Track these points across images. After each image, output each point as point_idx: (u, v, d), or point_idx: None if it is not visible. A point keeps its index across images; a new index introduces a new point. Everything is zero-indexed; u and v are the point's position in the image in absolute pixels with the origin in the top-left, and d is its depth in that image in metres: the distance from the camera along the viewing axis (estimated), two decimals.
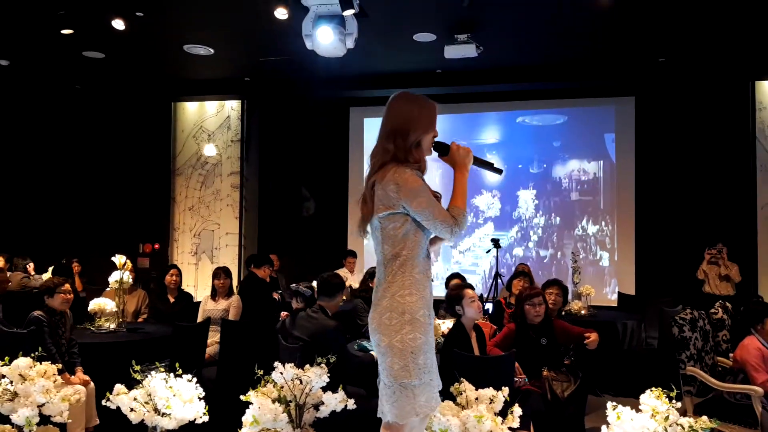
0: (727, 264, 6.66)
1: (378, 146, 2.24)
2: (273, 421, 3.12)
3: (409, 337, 2.08)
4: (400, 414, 2.06)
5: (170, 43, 6.05)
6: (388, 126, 2.23)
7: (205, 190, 8.19)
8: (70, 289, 4.55)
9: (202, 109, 8.23)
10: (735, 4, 4.97)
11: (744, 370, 3.99)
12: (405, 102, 2.25)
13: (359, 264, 7.89)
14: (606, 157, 7.76)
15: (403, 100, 2.25)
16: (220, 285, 5.53)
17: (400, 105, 2.24)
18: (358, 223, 2.29)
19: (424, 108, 2.24)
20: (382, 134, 2.25)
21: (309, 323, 3.77)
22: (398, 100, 2.25)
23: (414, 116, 2.21)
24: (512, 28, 5.73)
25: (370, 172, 2.23)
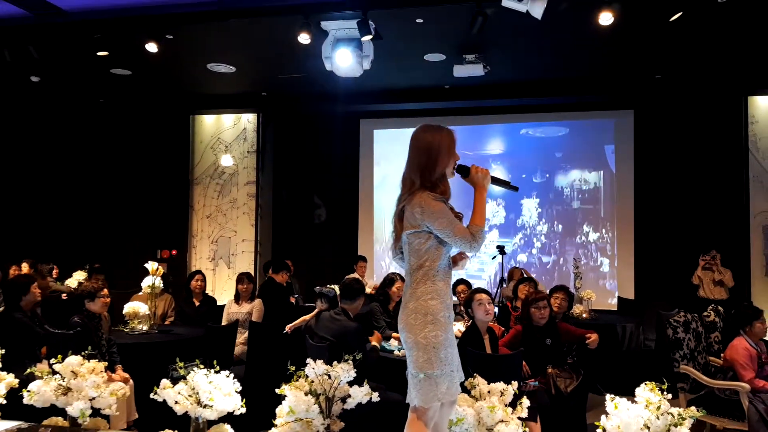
0: (721, 270, 6.98)
1: (406, 175, 2.61)
2: (306, 411, 3.47)
3: (432, 335, 2.44)
4: (425, 399, 2.42)
5: (195, 61, 6.42)
6: (414, 158, 2.60)
7: (222, 199, 8.56)
8: (108, 294, 4.93)
9: (219, 121, 8.61)
10: (728, 25, 5.31)
11: (733, 368, 4.34)
12: (427, 134, 2.61)
13: (369, 269, 8.23)
14: (606, 168, 8.11)
15: (425, 133, 2.61)
16: (244, 289, 5.88)
17: (423, 138, 2.60)
18: (391, 239, 2.68)
19: (444, 138, 2.59)
20: (408, 165, 2.62)
21: (333, 324, 4.12)
22: (421, 133, 2.62)
23: (435, 147, 2.56)
24: (517, 47, 6.08)
25: (400, 197, 2.61)
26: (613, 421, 3.20)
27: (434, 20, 5.21)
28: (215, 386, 3.65)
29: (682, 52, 6.17)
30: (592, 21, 4.88)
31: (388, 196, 8.67)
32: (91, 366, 3.94)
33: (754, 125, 7.16)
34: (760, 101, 7.15)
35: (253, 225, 8.45)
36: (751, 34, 5.61)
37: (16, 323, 4.81)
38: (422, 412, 2.45)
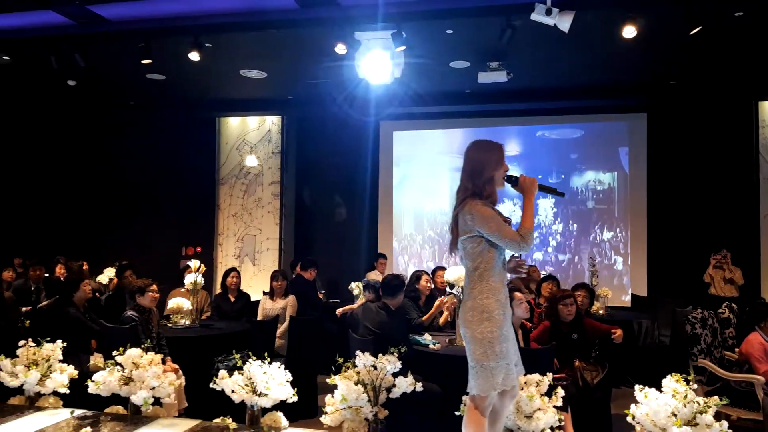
0: (731, 268, 7.24)
1: (460, 185, 2.88)
2: (356, 399, 3.76)
3: (487, 330, 2.71)
4: (482, 388, 2.70)
5: (229, 68, 6.69)
6: (467, 168, 2.87)
7: (247, 198, 8.84)
8: (157, 289, 5.21)
9: (245, 123, 8.88)
10: (742, 35, 5.56)
11: (748, 361, 4.60)
12: (478, 149, 2.89)
13: (389, 266, 8.50)
14: (620, 169, 8.37)
15: (477, 148, 2.90)
16: (278, 286, 6.16)
17: (475, 152, 2.89)
18: (449, 246, 2.98)
19: (493, 152, 2.87)
20: (463, 175, 2.88)
21: (377, 316, 4.41)
22: (473, 148, 2.91)
23: (485, 160, 2.84)
24: (538, 55, 6.32)
25: (455, 205, 2.88)
26: (642, 409, 3.48)
27: (463, 30, 5.47)
28: (270, 376, 3.95)
29: (696, 60, 6.41)
30: (613, 33, 5.15)
31: (407, 195, 8.96)
32: (149, 358, 4.24)
33: (764, 129, 7.42)
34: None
35: (277, 224, 8.73)
36: (761, 42, 5.86)
37: (70, 318, 5.10)
38: (480, 400, 2.73)
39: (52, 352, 4.30)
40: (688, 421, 3.31)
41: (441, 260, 8.76)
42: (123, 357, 4.17)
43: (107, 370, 4.13)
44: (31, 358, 4.26)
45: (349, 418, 3.86)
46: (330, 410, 3.94)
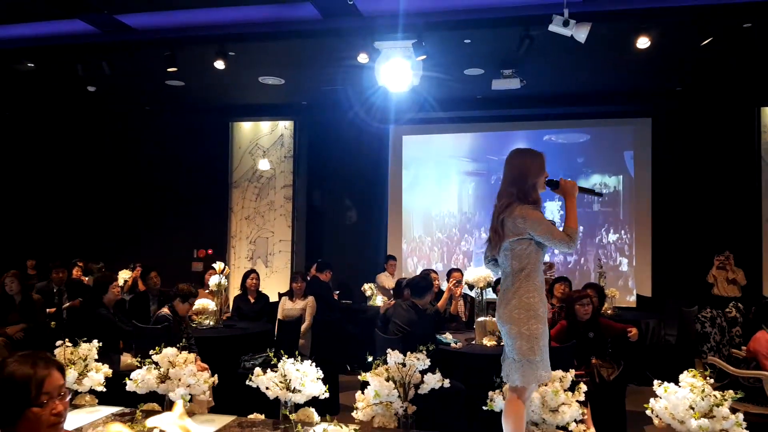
0: (734, 269, 7.45)
1: (503, 191, 3.03)
2: (387, 395, 3.94)
3: (534, 327, 2.88)
4: (526, 380, 2.91)
5: (248, 74, 6.87)
6: (510, 175, 3.02)
7: (260, 201, 9.00)
8: None
9: (257, 128, 9.05)
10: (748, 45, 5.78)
11: (756, 358, 4.80)
12: (521, 156, 3.05)
13: (398, 267, 8.68)
14: (625, 173, 8.58)
15: (520, 155, 3.05)
16: (298, 287, 6.33)
17: (518, 159, 3.04)
18: (488, 249, 3.11)
19: (535, 159, 3.03)
20: (506, 181, 3.03)
21: (407, 314, 4.61)
22: (516, 155, 3.06)
23: (528, 166, 3.00)
24: (549, 64, 6.52)
25: (499, 210, 3.01)
26: (661, 403, 3.68)
27: (481, 39, 5.67)
28: (303, 373, 4.13)
29: (701, 68, 6.62)
30: (623, 43, 5.35)
31: (416, 198, 9.14)
32: (184, 356, 4.41)
33: (766, 134, 7.64)
34: None
35: (289, 226, 8.90)
36: (763, 51, 6.07)
37: (102, 319, 5.25)
38: (522, 391, 2.93)
39: (89, 351, 4.45)
40: (705, 414, 3.51)
41: (449, 262, 8.96)
42: (159, 356, 4.34)
43: (145, 369, 4.30)
44: (68, 357, 4.41)
45: (380, 413, 4.04)
46: (362, 406, 4.12)
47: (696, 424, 3.47)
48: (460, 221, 8.94)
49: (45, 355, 1.81)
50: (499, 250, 3.03)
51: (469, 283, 5.13)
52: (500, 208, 3.02)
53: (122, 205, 9.32)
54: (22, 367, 1.71)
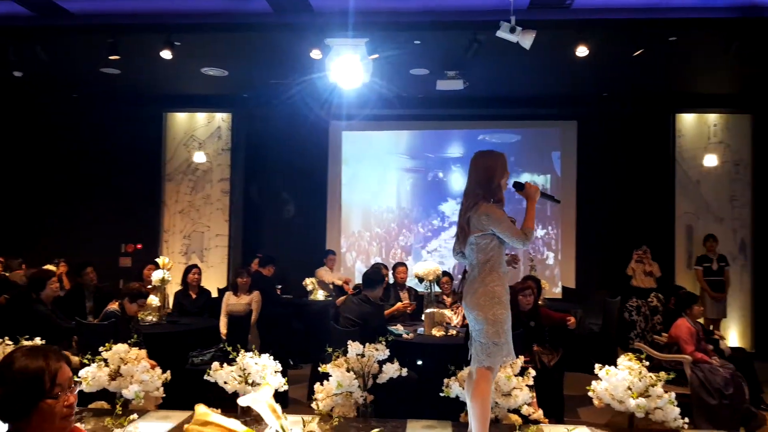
0: (650, 262, 8.06)
1: (469, 191, 3.29)
2: (349, 385, 4.04)
3: (498, 312, 3.16)
4: (493, 361, 3.15)
5: (191, 65, 6.70)
6: (475, 176, 3.29)
7: (195, 195, 8.79)
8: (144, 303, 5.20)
9: (193, 119, 8.82)
10: (666, 55, 6.27)
11: (677, 343, 5.27)
12: (486, 158, 3.31)
13: (337, 262, 8.76)
14: (552, 172, 9.07)
15: (484, 157, 3.32)
16: (243, 282, 6.28)
17: (483, 160, 3.30)
18: (456, 243, 3.39)
19: (498, 160, 3.30)
20: (471, 182, 3.30)
21: (359, 308, 4.70)
22: (481, 157, 3.32)
23: (492, 167, 3.27)
24: (489, 67, 6.78)
25: (465, 208, 3.27)
26: (602, 384, 4.01)
27: (431, 41, 5.84)
28: (263, 366, 4.15)
29: (628, 76, 7.13)
30: (563, 51, 5.69)
31: (355, 193, 9.25)
32: (135, 352, 4.32)
33: (680, 139, 8.32)
34: (686, 118, 8.33)
35: (226, 220, 8.76)
36: (679, 63, 6.63)
37: (38, 315, 5.01)
38: (489, 372, 3.17)
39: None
40: (642, 393, 3.86)
41: (388, 256, 9.13)
42: (110, 353, 4.23)
43: (94, 366, 4.17)
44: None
45: (340, 403, 4.13)
46: (321, 397, 4.20)
47: (634, 403, 3.82)
48: (398, 216, 9.14)
49: (52, 347, 1.80)
50: (466, 244, 3.29)
51: (419, 276, 5.31)
52: (467, 206, 3.27)
53: (44, 196, 8.81)
54: (35, 360, 1.69)
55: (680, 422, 3.82)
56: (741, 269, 8.16)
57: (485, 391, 3.16)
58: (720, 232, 8.03)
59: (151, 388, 4.23)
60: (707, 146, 8.30)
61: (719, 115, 8.28)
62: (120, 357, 4.23)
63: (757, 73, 6.99)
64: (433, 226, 9.07)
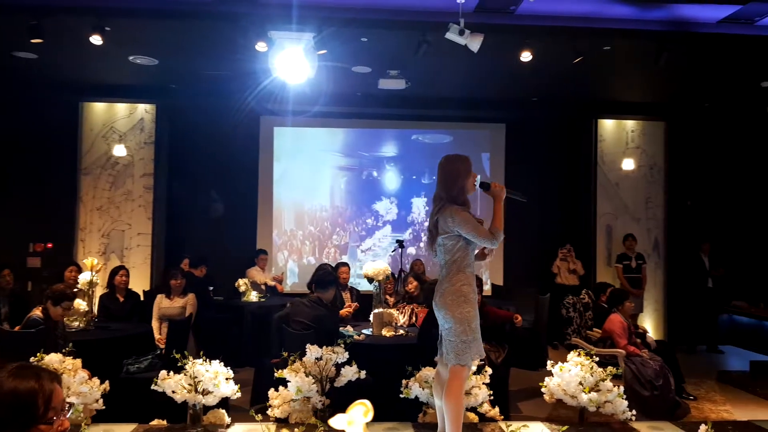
0: (574, 260, 8.47)
1: (436, 195, 3.36)
2: (308, 390, 3.91)
3: (466, 311, 3.19)
4: (464, 358, 3.17)
5: (118, 53, 6.25)
6: (442, 180, 3.34)
7: (115, 191, 8.24)
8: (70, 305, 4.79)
9: (113, 109, 8.25)
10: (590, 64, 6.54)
11: (611, 338, 5.55)
12: (451, 162, 3.37)
13: (269, 262, 8.53)
14: (482, 173, 9.29)
15: (449, 161, 3.38)
16: (177, 284, 5.96)
17: (449, 165, 3.36)
18: (426, 244, 3.46)
19: (463, 164, 3.36)
20: (438, 186, 3.36)
21: (312, 311, 4.55)
22: (447, 162, 3.39)
23: (457, 171, 3.33)
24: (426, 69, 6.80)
25: (434, 211, 3.33)
26: (554, 380, 4.13)
27: (377, 39, 5.78)
28: (215, 373, 3.94)
29: (556, 82, 7.41)
30: (498, 56, 5.83)
31: (288, 191, 9.02)
32: (70, 362, 3.97)
33: (601, 143, 8.77)
34: (607, 124, 8.79)
35: (150, 218, 8.27)
36: (601, 71, 6.96)
37: None
38: (461, 370, 3.19)
39: None
40: (592, 388, 4.01)
41: (321, 256, 9.00)
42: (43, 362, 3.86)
43: None
44: None
45: (298, 408, 4.00)
46: (277, 403, 4.04)
47: (587, 397, 3.96)
48: (332, 215, 9.01)
49: (41, 366, 1.59)
50: (434, 246, 3.33)
51: (369, 276, 5.25)
52: (434, 210, 3.32)
53: None
54: (26, 380, 1.49)
55: (628, 414, 4.02)
56: (655, 267, 8.73)
57: (458, 390, 3.17)
58: (636, 232, 8.55)
59: (90, 401, 3.93)
60: (625, 151, 8.81)
61: (636, 122, 8.81)
62: (54, 367, 3.88)
63: (670, 84, 7.50)
64: (367, 225, 9.03)
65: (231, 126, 8.72)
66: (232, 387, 3.98)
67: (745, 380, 6.44)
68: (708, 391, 6.20)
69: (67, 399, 3.77)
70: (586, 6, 5.41)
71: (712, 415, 5.44)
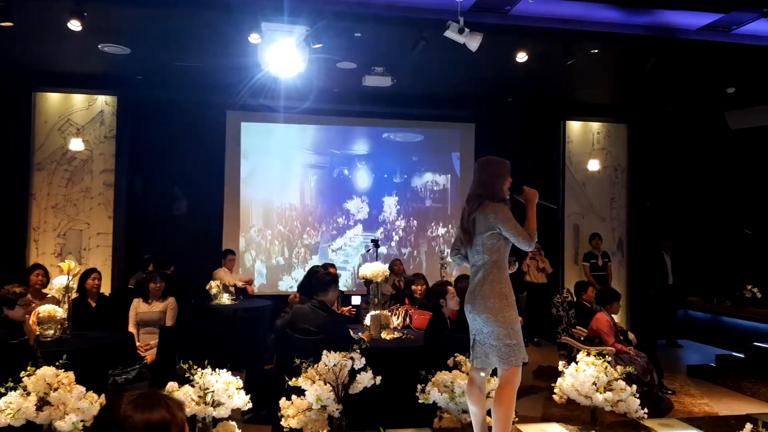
0: (543, 259, 8.63)
1: (473, 193, 3.33)
2: (327, 399, 3.75)
3: (509, 314, 3.14)
4: (509, 362, 3.11)
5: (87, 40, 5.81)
6: (480, 179, 3.33)
7: (72, 188, 7.71)
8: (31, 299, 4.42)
9: (69, 100, 7.71)
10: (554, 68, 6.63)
11: (599, 336, 5.67)
12: (491, 163, 3.36)
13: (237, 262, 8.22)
14: (453, 172, 9.32)
15: (489, 162, 3.37)
16: (156, 288, 5.63)
17: (488, 164, 3.36)
18: (457, 244, 3.41)
19: (503, 165, 3.35)
20: (475, 184, 3.34)
21: (315, 316, 4.36)
22: (486, 161, 3.38)
23: (497, 171, 3.32)
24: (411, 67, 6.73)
25: (469, 210, 3.30)
26: (567, 380, 4.16)
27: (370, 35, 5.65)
28: (226, 383, 3.72)
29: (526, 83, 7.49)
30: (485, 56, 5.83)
31: (256, 189, 8.72)
32: (65, 376, 3.66)
33: (569, 144, 8.98)
34: (574, 125, 9.00)
35: (110, 217, 7.79)
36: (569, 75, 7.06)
37: None
38: (512, 373, 3.10)
39: None
40: (605, 387, 4.06)
41: (291, 256, 8.77)
42: (32, 379, 3.54)
43: (15, 395, 3.46)
44: None
45: (314, 418, 3.83)
46: (292, 413, 3.85)
47: (602, 397, 4.00)
48: (302, 214, 8.78)
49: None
50: (472, 246, 3.28)
51: (367, 278, 5.12)
52: (471, 208, 3.30)
53: None
54: (156, 411, 1.31)
55: (641, 413, 4.08)
56: (619, 264, 9.02)
57: (511, 395, 3.12)
58: (601, 231, 8.80)
59: (89, 417, 3.61)
60: (591, 152, 9.05)
61: (602, 124, 9.06)
62: (47, 383, 3.56)
63: (635, 87, 7.75)
64: (338, 224, 8.86)
65: (197, 121, 8.36)
66: (243, 397, 3.77)
67: (713, 373, 6.74)
68: (682, 385, 6.45)
69: (66, 416, 3.47)
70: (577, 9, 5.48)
71: (695, 408, 5.64)
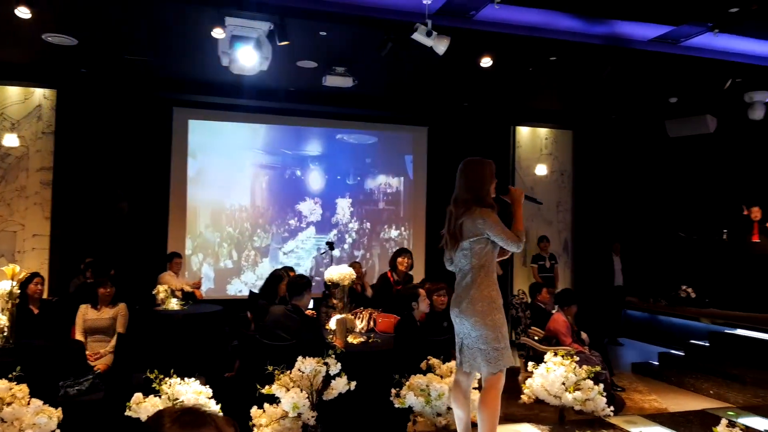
0: None
1: (460, 197, 3.30)
2: (302, 406, 3.64)
3: (497, 317, 3.14)
4: (497, 366, 3.10)
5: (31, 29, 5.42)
6: (465, 183, 3.30)
7: (5, 186, 7.20)
8: None
9: (3, 93, 7.20)
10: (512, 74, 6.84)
11: (556, 336, 5.81)
12: (475, 165, 3.33)
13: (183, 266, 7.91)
14: (405, 174, 9.33)
15: (474, 164, 3.34)
16: (107, 293, 5.33)
17: (473, 167, 3.32)
18: (446, 249, 3.35)
19: (487, 167, 3.33)
20: (462, 188, 3.31)
21: (289, 321, 4.25)
22: (471, 164, 3.35)
23: (481, 173, 3.29)
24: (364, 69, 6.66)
25: (457, 215, 3.26)
26: (537, 381, 4.22)
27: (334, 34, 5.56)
28: (197, 393, 3.55)
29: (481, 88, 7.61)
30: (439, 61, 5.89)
31: (203, 189, 8.42)
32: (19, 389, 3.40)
33: (519, 149, 9.18)
34: (523, 130, 9.21)
35: (47, 218, 7.33)
36: (520, 81, 7.23)
37: None
38: (498, 377, 3.09)
39: None
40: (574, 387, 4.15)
41: (240, 258, 8.53)
42: None
43: None
44: None
45: (288, 426, 3.71)
46: (264, 422, 3.72)
47: (571, 396, 4.09)
48: (252, 215, 8.55)
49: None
50: (457, 250, 3.24)
51: (333, 281, 5.03)
52: (458, 213, 3.26)
53: None
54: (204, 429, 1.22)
55: (608, 411, 4.20)
56: (564, 266, 9.30)
57: (496, 399, 3.12)
58: (549, 234, 9.05)
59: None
60: (539, 157, 9.29)
61: (549, 130, 9.32)
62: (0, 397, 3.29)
63: (579, 95, 8.02)
64: (290, 226, 8.68)
65: (142, 117, 7.98)
66: (214, 407, 3.61)
67: (657, 370, 7.05)
68: (631, 382, 6.70)
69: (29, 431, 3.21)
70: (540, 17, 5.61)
71: (645, 404, 5.86)
